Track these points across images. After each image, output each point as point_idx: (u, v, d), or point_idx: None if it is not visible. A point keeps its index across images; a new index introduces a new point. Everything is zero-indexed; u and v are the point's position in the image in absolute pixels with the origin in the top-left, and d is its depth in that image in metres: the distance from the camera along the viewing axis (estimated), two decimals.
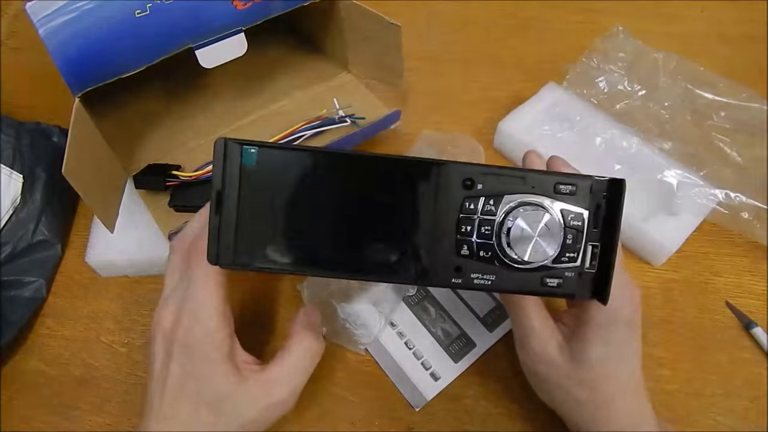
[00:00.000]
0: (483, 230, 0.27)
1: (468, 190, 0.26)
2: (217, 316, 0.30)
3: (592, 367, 0.32)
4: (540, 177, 0.27)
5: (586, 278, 0.27)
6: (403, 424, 0.39)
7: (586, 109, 0.51)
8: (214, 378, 0.30)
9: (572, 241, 0.27)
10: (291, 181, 0.26)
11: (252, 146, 0.26)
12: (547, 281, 0.27)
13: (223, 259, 0.27)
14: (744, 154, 0.47)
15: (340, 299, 0.42)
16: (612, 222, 0.27)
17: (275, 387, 0.31)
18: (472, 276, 0.27)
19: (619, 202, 0.26)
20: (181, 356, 0.30)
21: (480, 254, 0.27)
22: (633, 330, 0.32)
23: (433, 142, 0.50)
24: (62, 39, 0.39)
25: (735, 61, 0.58)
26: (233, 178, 0.26)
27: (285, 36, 0.57)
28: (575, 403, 0.33)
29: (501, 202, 0.26)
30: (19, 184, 0.46)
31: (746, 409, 0.39)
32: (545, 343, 0.33)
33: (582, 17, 0.63)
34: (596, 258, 0.27)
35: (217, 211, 0.26)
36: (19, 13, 0.66)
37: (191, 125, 0.50)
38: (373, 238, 0.27)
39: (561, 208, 0.27)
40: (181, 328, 0.30)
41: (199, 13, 0.41)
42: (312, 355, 0.33)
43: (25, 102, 0.58)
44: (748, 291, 0.44)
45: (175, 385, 0.30)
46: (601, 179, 0.27)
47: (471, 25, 0.63)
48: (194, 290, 0.30)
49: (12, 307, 0.43)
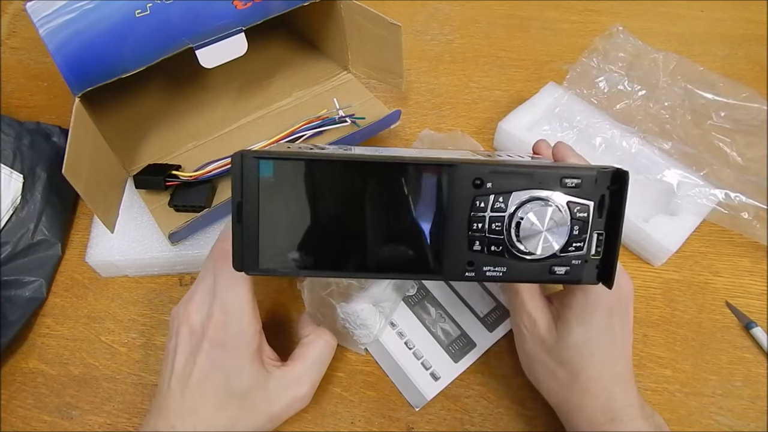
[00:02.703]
0: (494, 226, 0.28)
1: (478, 189, 0.27)
2: (249, 312, 0.31)
3: (571, 349, 0.32)
4: (546, 172, 0.28)
5: (592, 264, 0.29)
6: (403, 424, 0.39)
7: (586, 109, 0.51)
8: (243, 372, 0.31)
9: (579, 232, 0.28)
10: (308, 189, 0.27)
11: (268, 159, 0.26)
12: (555, 269, 0.29)
13: (247, 266, 0.28)
14: (744, 154, 0.47)
15: (340, 299, 0.42)
16: (616, 211, 0.28)
17: (298, 382, 0.33)
18: (485, 269, 0.28)
19: (623, 192, 0.27)
20: (212, 351, 0.30)
21: (491, 248, 0.28)
22: (614, 318, 0.32)
23: (433, 142, 0.50)
24: (62, 39, 0.39)
25: (735, 61, 0.59)
26: (252, 189, 0.27)
27: (285, 36, 0.57)
28: (557, 385, 0.34)
29: (510, 198, 0.27)
30: (19, 184, 0.46)
31: (746, 409, 0.39)
32: (534, 322, 0.34)
33: (582, 17, 0.63)
34: (601, 245, 0.28)
35: (238, 220, 0.27)
36: (19, 13, 0.66)
37: (191, 125, 0.50)
38: (390, 237, 0.28)
39: (567, 201, 0.27)
40: (213, 324, 0.31)
41: (199, 13, 0.41)
42: (330, 350, 0.34)
43: (25, 102, 0.58)
44: (748, 291, 0.44)
45: (201, 379, 0.30)
46: (604, 171, 0.28)
47: (471, 25, 0.63)
48: (224, 289, 0.31)
49: (12, 307, 0.43)
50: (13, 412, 0.41)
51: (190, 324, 0.31)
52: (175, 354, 0.31)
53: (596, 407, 0.32)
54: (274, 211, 0.27)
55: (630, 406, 0.32)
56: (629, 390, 0.32)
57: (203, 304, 0.32)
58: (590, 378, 0.32)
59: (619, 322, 0.32)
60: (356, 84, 0.53)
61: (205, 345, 0.31)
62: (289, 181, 0.27)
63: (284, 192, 0.27)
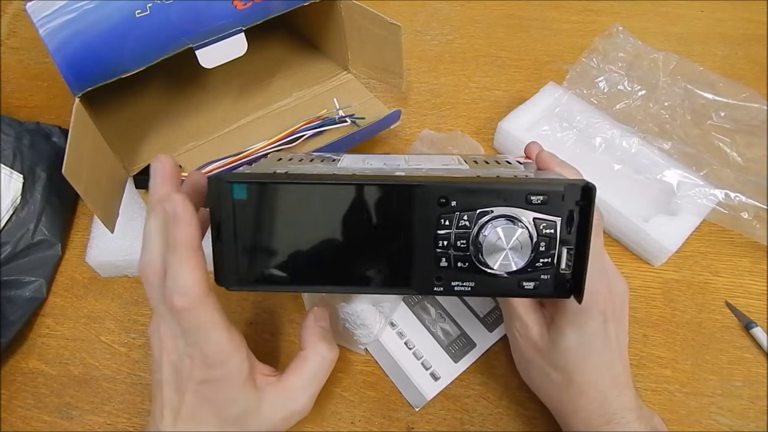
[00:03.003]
0: (459, 244, 0.28)
1: (443, 207, 0.28)
2: (227, 346, 0.29)
3: (565, 355, 0.32)
4: (511, 189, 0.28)
5: (562, 279, 0.29)
6: (403, 423, 0.39)
7: (586, 109, 0.51)
8: (235, 400, 0.30)
9: (545, 248, 0.28)
10: (280, 209, 0.28)
11: (241, 182, 0.28)
12: (524, 284, 0.29)
13: (228, 282, 0.29)
14: (744, 154, 0.47)
15: (340, 299, 0.42)
16: (584, 227, 0.27)
17: (294, 397, 0.32)
18: (453, 284, 0.29)
19: (590, 207, 0.27)
20: (200, 388, 0.29)
21: (458, 265, 0.28)
22: (608, 321, 0.32)
23: (433, 142, 0.50)
24: (62, 39, 0.39)
25: (735, 61, 0.59)
26: (227, 210, 0.28)
27: (285, 36, 0.57)
28: (553, 388, 0.34)
29: (475, 216, 0.28)
30: (19, 184, 0.46)
31: (746, 409, 0.39)
32: (526, 327, 0.34)
33: (582, 17, 0.63)
34: (572, 260, 0.28)
35: (218, 238, 0.28)
36: (19, 13, 0.66)
37: (191, 125, 0.50)
38: (362, 254, 0.29)
39: (533, 218, 0.27)
40: (194, 366, 0.29)
41: (199, 13, 0.41)
42: (328, 365, 0.33)
43: (25, 102, 0.58)
44: (748, 291, 0.44)
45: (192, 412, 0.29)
46: (572, 186, 0.27)
47: (471, 25, 0.63)
48: (194, 333, 0.28)
49: (12, 307, 0.43)
50: (13, 412, 0.41)
51: (173, 362, 0.29)
52: (162, 388, 0.30)
53: (592, 410, 0.32)
54: (250, 231, 0.28)
55: (626, 409, 0.32)
56: (625, 392, 0.32)
57: (177, 342, 0.29)
58: (585, 381, 0.32)
59: (613, 324, 0.32)
60: (356, 84, 0.53)
61: (191, 385, 0.29)
62: (262, 203, 0.28)
63: (258, 212, 0.28)
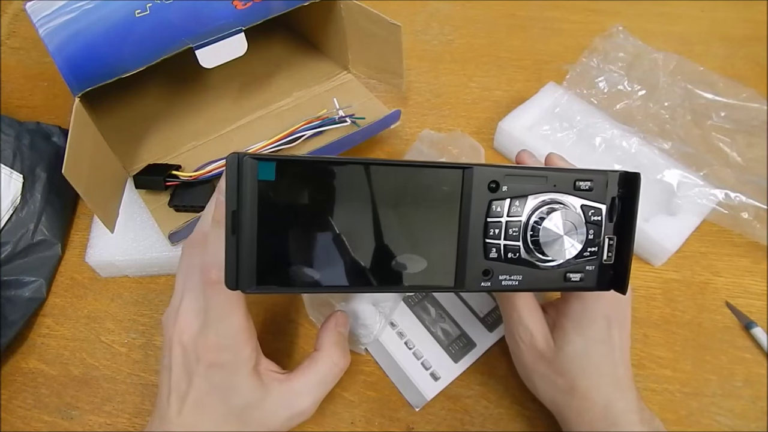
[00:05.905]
0: (510, 232, 0.26)
1: (493, 193, 0.26)
2: (243, 333, 0.30)
3: (569, 359, 0.32)
4: (560, 175, 0.27)
5: (605, 270, 0.28)
6: (403, 423, 0.39)
7: (586, 109, 0.51)
8: (241, 390, 0.30)
9: (593, 236, 0.27)
10: (313, 196, 0.24)
11: (269, 161, 0.23)
12: (570, 276, 0.28)
13: (243, 285, 0.24)
14: (744, 154, 0.47)
15: (340, 299, 0.42)
16: (629, 214, 0.27)
17: (299, 398, 0.32)
18: (500, 278, 0.27)
19: (635, 195, 0.26)
20: (208, 372, 0.29)
21: (508, 256, 0.27)
22: (612, 326, 0.32)
23: (433, 142, 0.50)
24: (62, 39, 0.39)
25: (735, 61, 0.59)
26: (249, 196, 0.23)
27: (285, 36, 0.57)
28: (557, 393, 0.33)
29: (526, 202, 0.26)
30: (19, 184, 0.46)
31: (746, 409, 0.39)
32: (531, 335, 0.34)
33: (582, 17, 0.63)
34: (613, 250, 0.28)
35: (233, 232, 0.24)
36: (19, 13, 0.66)
37: (191, 125, 0.50)
38: (404, 248, 0.26)
39: (582, 204, 0.27)
40: (207, 347, 0.29)
41: (199, 13, 0.41)
42: (337, 371, 0.33)
43: (25, 102, 0.58)
44: (748, 291, 0.44)
45: (198, 399, 0.30)
46: (614, 173, 0.27)
47: (471, 25, 0.63)
48: (218, 318, 0.29)
49: (12, 307, 0.43)
50: (13, 412, 0.41)
51: (183, 343, 0.30)
52: (170, 371, 0.30)
53: (596, 414, 0.32)
54: (275, 221, 0.24)
55: (629, 411, 0.32)
56: (628, 395, 0.32)
57: (194, 321, 0.30)
58: (589, 386, 0.32)
59: (617, 328, 0.32)
60: (356, 84, 0.53)
61: (200, 368, 0.29)
62: (293, 187, 0.24)
63: (286, 199, 0.24)
